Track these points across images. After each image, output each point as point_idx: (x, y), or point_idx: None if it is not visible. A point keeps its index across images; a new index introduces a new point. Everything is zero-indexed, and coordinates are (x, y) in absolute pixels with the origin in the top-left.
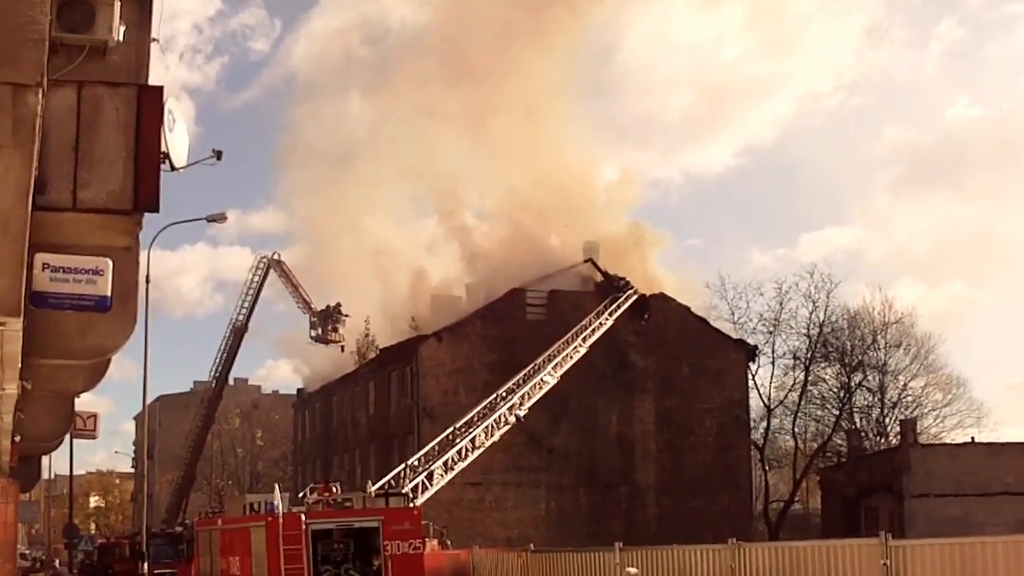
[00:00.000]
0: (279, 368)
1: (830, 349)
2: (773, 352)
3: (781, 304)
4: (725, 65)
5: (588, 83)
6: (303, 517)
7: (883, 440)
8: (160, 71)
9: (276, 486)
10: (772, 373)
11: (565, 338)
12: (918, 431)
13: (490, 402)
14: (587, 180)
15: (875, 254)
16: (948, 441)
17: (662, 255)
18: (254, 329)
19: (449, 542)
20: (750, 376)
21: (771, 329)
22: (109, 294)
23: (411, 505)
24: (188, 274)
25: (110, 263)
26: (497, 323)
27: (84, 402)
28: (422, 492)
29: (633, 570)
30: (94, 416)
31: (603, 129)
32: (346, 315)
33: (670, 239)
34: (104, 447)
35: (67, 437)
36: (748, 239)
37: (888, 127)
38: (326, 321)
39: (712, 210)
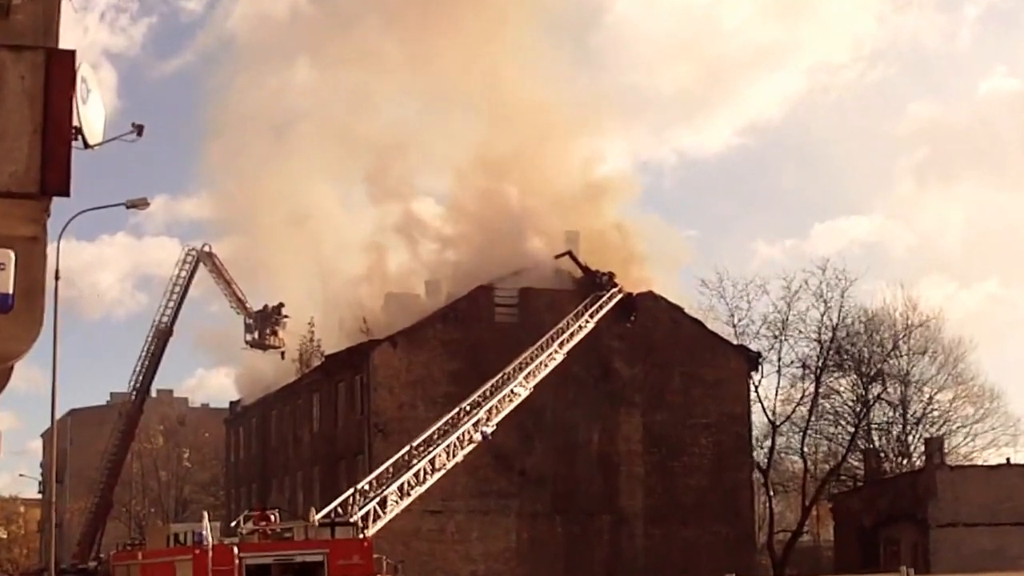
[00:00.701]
0: (210, 378)
1: (845, 356)
2: (779, 360)
3: (789, 304)
4: (726, 31)
5: (572, 48)
6: (236, 550)
7: (905, 461)
8: (76, 34)
9: (205, 514)
10: (778, 384)
11: (539, 343)
12: (945, 451)
13: (453, 417)
14: (566, 160)
15: (897, 247)
16: (980, 463)
17: (653, 248)
18: (181, 333)
19: None
20: (752, 387)
21: (777, 333)
22: (11, 291)
23: (361, 536)
24: (107, 269)
25: (12, 255)
26: (461, 325)
27: None
28: (374, 521)
29: None
30: None
31: (588, 102)
32: (287, 316)
33: (662, 229)
34: (7, 469)
35: None
36: (752, 230)
37: (914, 103)
38: (264, 323)
39: (711, 196)
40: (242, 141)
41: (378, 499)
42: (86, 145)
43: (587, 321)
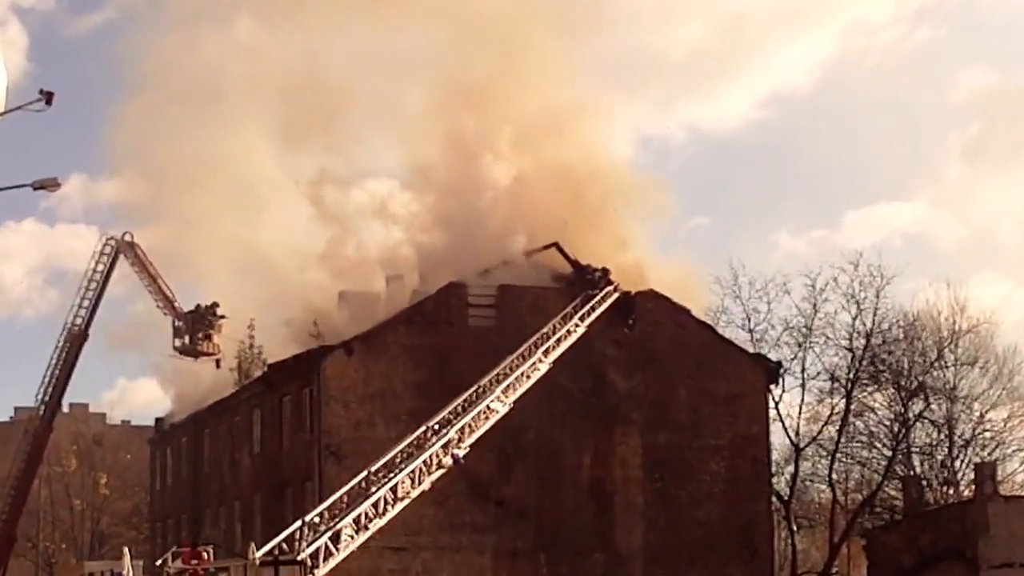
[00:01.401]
0: (132, 391)
1: (880, 368)
2: (803, 371)
3: (815, 306)
4: None
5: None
6: None
7: (952, 491)
8: None
9: (126, 550)
10: (802, 400)
11: (521, 350)
12: (999, 478)
13: (418, 437)
14: (561, 134)
15: (945, 240)
16: None
17: (657, 239)
18: (99, 337)
19: None
20: (772, 404)
21: (801, 340)
22: None
23: None
24: (12, 261)
25: None
26: (428, 329)
27: None
28: (325, 559)
29: None
30: None
31: (585, 70)
32: (223, 317)
33: (667, 215)
34: None
35: None
36: (773, 218)
37: (965, 70)
38: (196, 326)
39: (725, 179)
40: (171, 111)
41: (330, 533)
42: None
43: (577, 325)
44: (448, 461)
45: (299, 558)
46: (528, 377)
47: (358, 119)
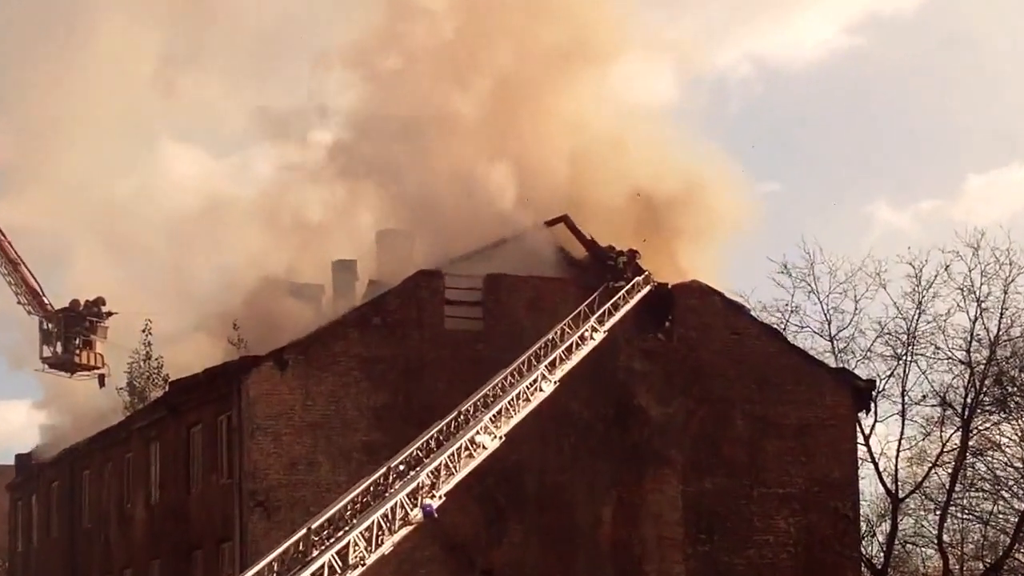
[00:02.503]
0: None
1: (1009, 389)
2: (904, 394)
3: (920, 304)
4: None
5: None
6: None
7: None
8: None
9: None
10: (901, 433)
11: (517, 364)
12: None
13: (377, 482)
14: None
15: None
16: None
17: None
18: None
19: None
20: (861, 438)
21: (901, 352)
22: None
23: None
24: None
25: None
26: (390, 334)
27: None
28: None
29: None
30: None
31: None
32: (110, 314)
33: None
34: None
35: None
36: (867, 185)
37: None
38: (71, 330)
39: (803, 130)
40: (36, 49)
41: None
42: None
43: (594, 329)
44: (417, 515)
45: None
46: (527, 400)
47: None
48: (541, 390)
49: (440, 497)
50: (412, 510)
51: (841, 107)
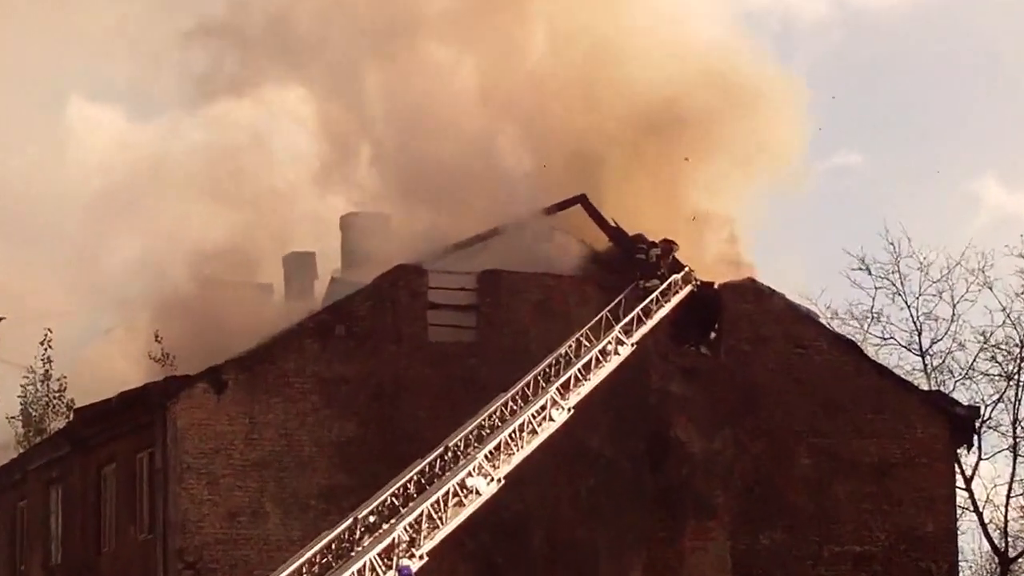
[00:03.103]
0: None
1: None
2: (1015, 423)
3: None
4: None
5: None
6: None
7: None
8: None
9: None
10: (1012, 473)
11: (519, 386)
12: None
13: (341, 537)
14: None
15: None
16: None
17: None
18: None
19: None
20: (962, 480)
21: (1012, 371)
22: None
23: None
24: None
25: None
26: (359, 347)
27: None
28: None
29: None
30: None
31: None
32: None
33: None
34: None
35: None
36: (971, 156)
37: None
38: None
39: (891, 88)
40: None
41: None
42: None
43: (619, 340)
44: None
45: None
46: (533, 433)
47: None
48: (551, 419)
49: (421, 557)
50: (385, 574)
51: (936, 60)
